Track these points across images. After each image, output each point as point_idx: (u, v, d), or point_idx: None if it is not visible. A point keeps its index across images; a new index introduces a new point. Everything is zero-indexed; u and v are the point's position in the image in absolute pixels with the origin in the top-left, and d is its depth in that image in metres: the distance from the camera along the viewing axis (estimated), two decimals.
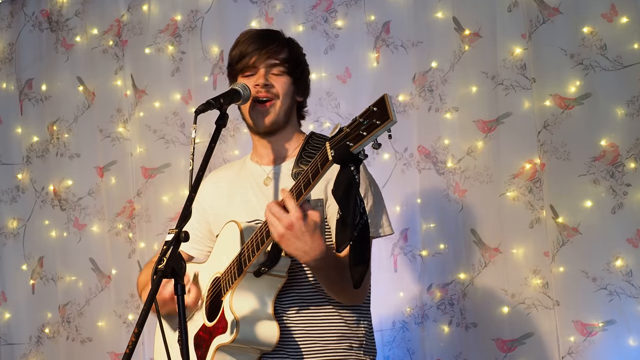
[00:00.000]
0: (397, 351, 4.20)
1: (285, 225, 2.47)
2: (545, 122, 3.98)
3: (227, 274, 2.72)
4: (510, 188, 4.04)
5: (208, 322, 2.76)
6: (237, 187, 2.96)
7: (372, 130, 2.23)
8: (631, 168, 3.85)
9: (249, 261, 2.64)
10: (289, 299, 2.78)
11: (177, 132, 4.77)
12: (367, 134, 2.24)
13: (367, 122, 2.24)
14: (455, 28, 4.21)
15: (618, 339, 3.81)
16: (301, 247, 2.50)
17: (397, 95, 4.29)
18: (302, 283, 2.80)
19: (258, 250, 2.61)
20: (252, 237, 2.64)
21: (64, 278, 4.96)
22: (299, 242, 2.49)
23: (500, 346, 4.01)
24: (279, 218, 2.47)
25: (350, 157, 2.30)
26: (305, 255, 2.53)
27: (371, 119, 2.23)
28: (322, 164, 2.39)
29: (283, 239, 2.49)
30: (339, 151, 2.31)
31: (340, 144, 2.31)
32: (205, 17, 4.73)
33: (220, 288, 2.75)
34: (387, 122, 2.20)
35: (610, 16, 3.92)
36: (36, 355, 5.04)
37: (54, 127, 5.06)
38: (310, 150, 2.82)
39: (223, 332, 2.67)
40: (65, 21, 5.09)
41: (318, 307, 2.80)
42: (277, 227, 2.48)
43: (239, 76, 2.93)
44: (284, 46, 2.95)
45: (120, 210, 4.86)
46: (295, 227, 2.47)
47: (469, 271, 4.09)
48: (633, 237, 3.83)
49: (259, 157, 2.98)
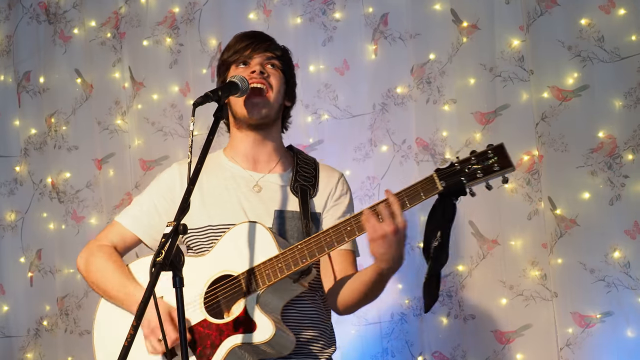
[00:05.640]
0: (396, 343, 4.21)
1: (392, 229, 2.55)
2: (543, 114, 3.98)
3: (255, 275, 2.70)
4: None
5: (214, 319, 2.74)
6: (218, 185, 2.95)
7: (489, 174, 2.52)
8: (629, 160, 3.85)
9: (303, 262, 2.67)
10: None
11: (175, 125, 4.76)
12: (482, 176, 2.52)
13: (483, 164, 2.52)
14: (453, 20, 4.20)
15: (616, 331, 3.82)
16: (391, 253, 2.59)
17: (395, 88, 4.29)
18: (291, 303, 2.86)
19: (313, 257, 2.67)
20: (305, 243, 2.67)
21: (62, 270, 4.96)
22: (392, 248, 2.58)
23: (499, 338, 4.02)
24: (386, 220, 2.55)
25: (461, 192, 2.55)
26: (389, 262, 2.62)
27: (487, 162, 2.52)
28: (426, 192, 2.57)
29: (382, 240, 2.56)
30: (452, 184, 2.54)
31: (452, 177, 2.54)
32: (203, 9, 4.73)
33: (238, 287, 2.72)
34: (506, 169, 2.51)
35: (607, 8, 3.92)
36: (34, 348, 5.04)
37: (52, 119, 5.06)
38: (303, 165, 2.99)
39: (248, 331, 2.67)
40: (63, 13, 5.08)
41: (300, 306, 2.87)
42: (381, 228, 2.55)
43: (232, 66, 2.94)
44: (279, 47, 3.00)
45: (119, 203, 4.86)
46: (399, 233, 2.56)
47: (467, 263, 4.10)
48: (631, 228, 3.83)
49: (240, 157, 2.98)
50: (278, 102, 2.93)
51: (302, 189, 2.91)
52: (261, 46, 2.93)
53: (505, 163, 2.50)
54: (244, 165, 2.97)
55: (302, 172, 2.95)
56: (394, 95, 4.29)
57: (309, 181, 2.94)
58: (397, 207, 2.55)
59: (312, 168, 3.00)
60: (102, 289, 2.94)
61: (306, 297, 2.88)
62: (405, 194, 2.58)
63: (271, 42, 2.99)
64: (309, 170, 2.98)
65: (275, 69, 2.93)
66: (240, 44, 2.95)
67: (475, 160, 2.53)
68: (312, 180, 2.95)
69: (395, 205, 2.56)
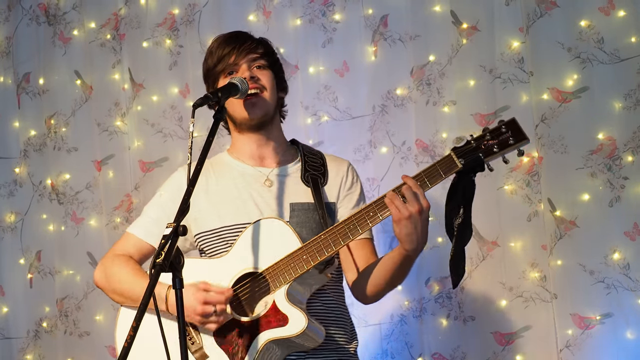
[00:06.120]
0: (396, 344, 4.21)
1: (417, 209, 2.60)
2: (543, 116, 3.98)
3: (281, 269, 2.72)
4: (508, 181, 4.04)
5: (243, 317, 2.74)
6: (228, 185, 2.97)
7: (505, 147, 2.61)
8: (628, 161, 3.85)
9: (329, 251, 2.70)
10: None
11: (175, 126, 4.76)
12: (499, 150, 2.61)
13: (498, 139, 2.61)
14: (453, 22, 4.20)
15: (616, 332, 3.82)
16: (416, 235, 2.64)
17: (395, 89, 4.29)
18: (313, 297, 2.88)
19: (338, 246, 2.70)
20: (329, 233, 2.70)
21: (61, 272, 4.96)
22: (417, 228, 2.63)
23: (498, 339, 4.02)
24: (411, 201, 2.60)
25: (480, 167, 2.65)
26: (413, 243, 2.66)
27: (501, 136, 2.60)
28: (446, 170, 2.64)
29: (407, 221, 2.61)
30: (470, 160, 2.63)
31: (470, 154, 2.63)
32: (202, 11, 4.73)
33: (265, 283, 2.74)
34: (522, 142, 2.60)
35: (607, 10, 3.92)
36: (34, 350, 5.03)
37: (51, 121, 5.05)
38: (309, 155, 3.01)
39: (280, 325, 2.69)
40: (62, 15, 5.08)
41: (324, 299, 2.89)
42: (406, 209, 2.60)
43: (221, 77, 2.96)
44: (259, 43, 3.02)
45: (118, 204, 4.86)
46: (424, 214, 2.62)
47: (467, 264, 4.07)
48: (630, 230, 3.83)
49: (246, 157, 3.00)
50: (274, 99, 2.98)
51: (313, 179, 2.94)
52: (244, 49, 2.95)
53: (519, 136, 2.59)
54: (250, 163, 2.99)
55: (310, 162, 2.99)
56: (393, 97, 4.29)
57: (319, 170, 2.98)
58: (418, 189, 2.61)
59: (319, 157, 3.04)
60: (126, 296, 2.94)
61: (329, 290, 2.91)
62: (425, 175, 2.64)
63: (252, 40, 3.00)
64: (316, 160, 3.02)
65: (262, 70, 2.96)
66: (222, 49, 2.97)
67: (489, 136, 2.62)
68: (321, 169, 2.99)
69: (416, 187, 2.61)
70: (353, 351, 2.95)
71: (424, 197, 2.62)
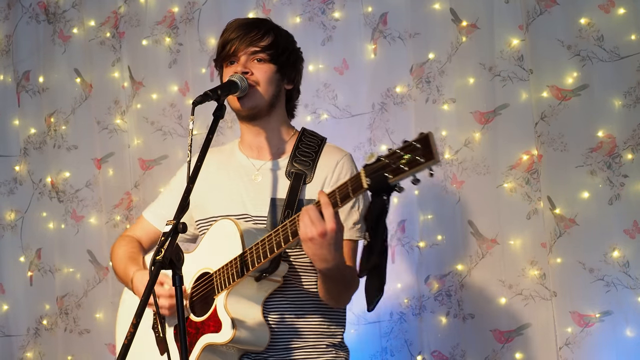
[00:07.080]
0: (395, 342, 4.21)
1: (319, 232, 2.47)
2: (543, 114, 3.97)
3: (223, 273, 2.70)
4: (507, 179, 4.04)
5: (194, 317, 2.75)
6: (224, 175, 2.98)
7: (414, 167, 2.24)
8: (628, 159, 3.85)
9: (253, 266, 2.63)
10: (276, 301, 2.81)
11: (175, 124, 4.77)
12: (408, 170, 2.25)
13: (409, 157, 2.24)
14: (453, 19, 4.20)
15: (615, 330, 3.81)
16: (323, 255, 2.52)
17: (394, 87, 4.29)
18: (292, 287, 2.84)
19: (266, 258, 2.61)
20: (261, 242, 2.63)
21: (61, 270, 4.97)
22: (323, 250, 2.51)
23: (498, 337, 4.02)
24: (315, 223, 2.47)
25: (387, 188, 2.32)
26: (323, 263, 2.56)
27: (413, 154, 2.23)
28: (354, 190, 2.40)
29: (311, 242, 2.49)
30: (376, 181, 2.32)
31: (377, 173, 2.31)
32: (202, 9, 4.73)
33: (213, 285, 2.73)
34: (430, 162, 2.21)
35: (607, 7, 3.92)
36: (34, 347, 5.04)
37: (51, 119, 5.06)
38: (304, 148, 2.91)
39: (215, 331, 2.67)
40: (62, 13, 5.09)
41: (303, 309, 2.85)
42: (310, 230, 2.48)
43: (224, 65, 2.95)
44: (267, 33, 2.94)
45: (118, 202, 4.86)
46: (327, 236, 2.47)
47: (466, 262, 4.10)
48: (630, 228, 3.83)
49: (246, 147, 3.00)
50: (268, 92, 2.90)
51: (297, 175, 2.87)
52: (245, 41, 2.90)
53: (428, 155, 2.21)
54: (248, 154, 2.99)
55: (300, 157, 2.89)
56: (393, 95, 4.30)
57: (306, 165, 2.89)
58: (326, 209, 2.46)
59: (313, 151, 2.93)
60: (118, 274, 3.09)
61: (304, 278, 2.87)
62: (338, 193, 2.46)
63: (257, 30, 2.93)
64: (310, 154, 2.92)
65: (261, 63, 2.90)
66: (228, 35, 2.93)
67: (401, 152, 2.27)
68: (309, 164, 2.90)
69: (325, 207, 2.47)
70: (339, 340, 2.92)
71: (332, 218, 2.45)
